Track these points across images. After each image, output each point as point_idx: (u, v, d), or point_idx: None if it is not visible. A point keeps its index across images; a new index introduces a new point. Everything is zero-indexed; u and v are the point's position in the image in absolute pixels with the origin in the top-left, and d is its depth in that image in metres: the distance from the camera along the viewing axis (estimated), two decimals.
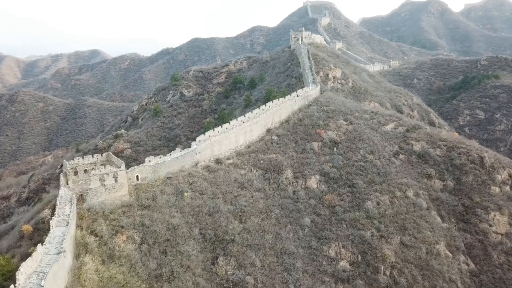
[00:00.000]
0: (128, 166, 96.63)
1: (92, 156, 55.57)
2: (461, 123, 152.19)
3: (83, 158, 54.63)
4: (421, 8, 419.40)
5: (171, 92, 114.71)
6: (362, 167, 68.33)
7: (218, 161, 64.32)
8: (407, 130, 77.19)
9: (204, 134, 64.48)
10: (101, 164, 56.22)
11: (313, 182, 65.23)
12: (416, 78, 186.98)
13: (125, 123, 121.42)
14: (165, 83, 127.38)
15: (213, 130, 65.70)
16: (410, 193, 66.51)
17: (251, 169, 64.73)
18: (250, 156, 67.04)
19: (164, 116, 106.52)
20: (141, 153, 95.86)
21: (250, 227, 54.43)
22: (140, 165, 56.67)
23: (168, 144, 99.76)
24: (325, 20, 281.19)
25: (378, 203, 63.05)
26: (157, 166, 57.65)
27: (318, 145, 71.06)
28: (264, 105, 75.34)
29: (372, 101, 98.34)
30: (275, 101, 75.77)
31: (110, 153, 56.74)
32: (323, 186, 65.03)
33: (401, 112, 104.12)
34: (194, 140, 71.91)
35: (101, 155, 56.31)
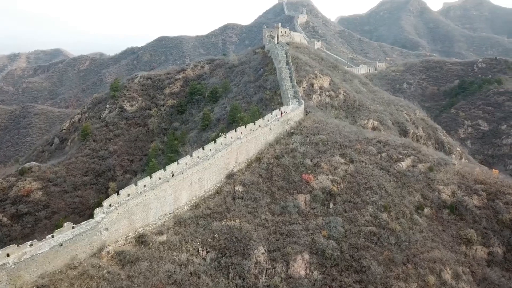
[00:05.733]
0: (34, 216, 69.72)
1: None
2: (462, 135, 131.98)
3: None
4: (400, 7, 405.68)
5: (108, 106, 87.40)
6: (373, 235, 44.14)
7: (141, 240, 38.55)
8: (430, 169, 53.75)
9: (118, 194, 38.55)
10: None
11: (299, 266, 40.43)
12: (406, 83, 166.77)
13: (51, 146, 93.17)
14: (103, 94, 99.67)
15: (136, 185, 39.85)
16: (448, 275, 42.91)
17: (197, 251, 39.31)
18: (197, 225, 41.54)
19: (95, 140, 79.41)
20: (57, 196, 69.14)
21: None
22: None
23: (96, 180, 73.21)
24: (303, 18, 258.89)
25: None
26: (21, 267, 31.50)
27: (305, 200, 46.35)
28: (223, 134, 50.04)
29: (370, 118, 74.75)
30: (241, 129, 50.55)
31: None
32: (315, 273, 40.26)
33: (405, 131, 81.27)
34: (135, 174, 46.94)
35: None
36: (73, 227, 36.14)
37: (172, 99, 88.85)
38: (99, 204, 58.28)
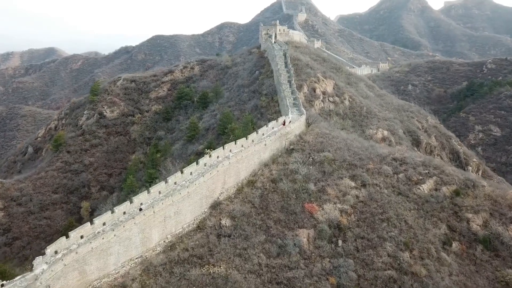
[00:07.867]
0: None
1: None
2: (472, 141, 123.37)
3: None
4: (401, 5, 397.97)
5: (86, 112, 78.30)
6: (393, 282, 35.39)
7: None
8: (457, 193, 44.99)
9: (68, 237, 29.76)
10: None
11: None
12: (410, 84, 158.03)
13: (24, 155, 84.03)
14: (82, 98, 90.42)
15: (92, 223, 31.05)
16: None
17: None
18: (171, 274, 32.68)
19: (68, 151, 70.38)
20: (20, 217, 60.26)
21: None
22: None
23: (68, 199, 64.36)
24: (302, 16, 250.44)
25: None
26: None
27: (308, 236, 37.52)
28: (208, 151, 41.25)
29: (379, 127, 66.00)
30: (230, 146, 41.71)
31: None
32: None
33: (418, 141, 72.72)
34: (113, 191, 38.99)
35: None
36: (2, 286, 27.46)
37: (158, 104, 79.88)
38: (69, 228, 49.33)
